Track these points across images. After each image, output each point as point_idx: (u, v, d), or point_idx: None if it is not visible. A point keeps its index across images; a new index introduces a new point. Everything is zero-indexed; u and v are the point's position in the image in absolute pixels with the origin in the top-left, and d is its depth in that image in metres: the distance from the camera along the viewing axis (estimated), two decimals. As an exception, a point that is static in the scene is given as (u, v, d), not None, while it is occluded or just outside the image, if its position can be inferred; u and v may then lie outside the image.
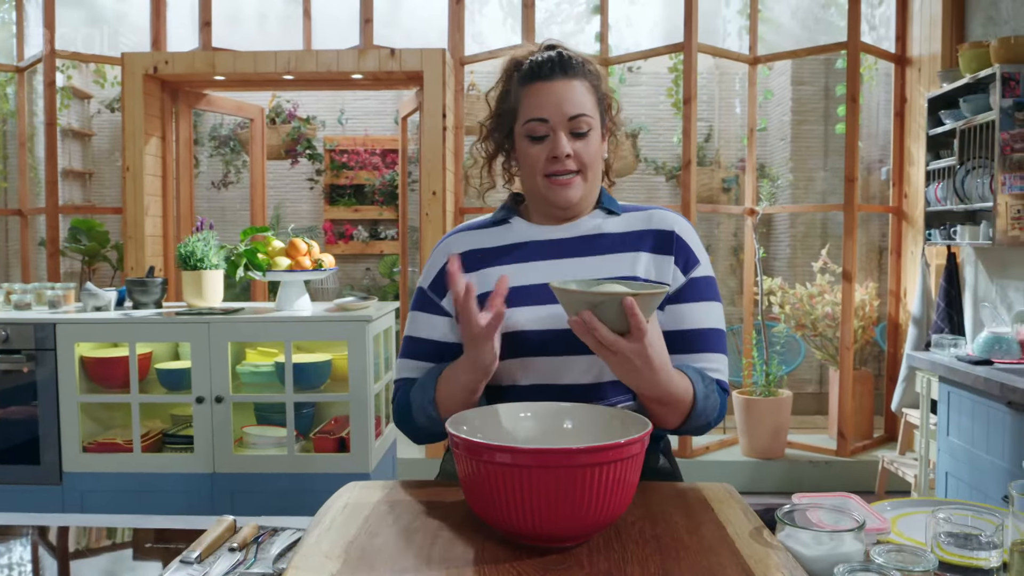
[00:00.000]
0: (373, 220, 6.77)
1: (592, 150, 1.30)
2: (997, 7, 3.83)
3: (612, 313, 1.05)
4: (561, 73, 1.28)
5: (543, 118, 1.27)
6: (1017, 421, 2.66)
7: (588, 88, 1.30)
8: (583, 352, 1.24)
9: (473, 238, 1.39)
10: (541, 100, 1.27)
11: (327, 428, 3.03)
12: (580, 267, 1.31)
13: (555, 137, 1.27)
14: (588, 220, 1.36)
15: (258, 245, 2.98)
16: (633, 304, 1.04)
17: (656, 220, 1.35)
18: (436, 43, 4.48)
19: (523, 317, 1.28)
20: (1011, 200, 3.36)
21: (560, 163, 1.28)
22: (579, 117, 1.27)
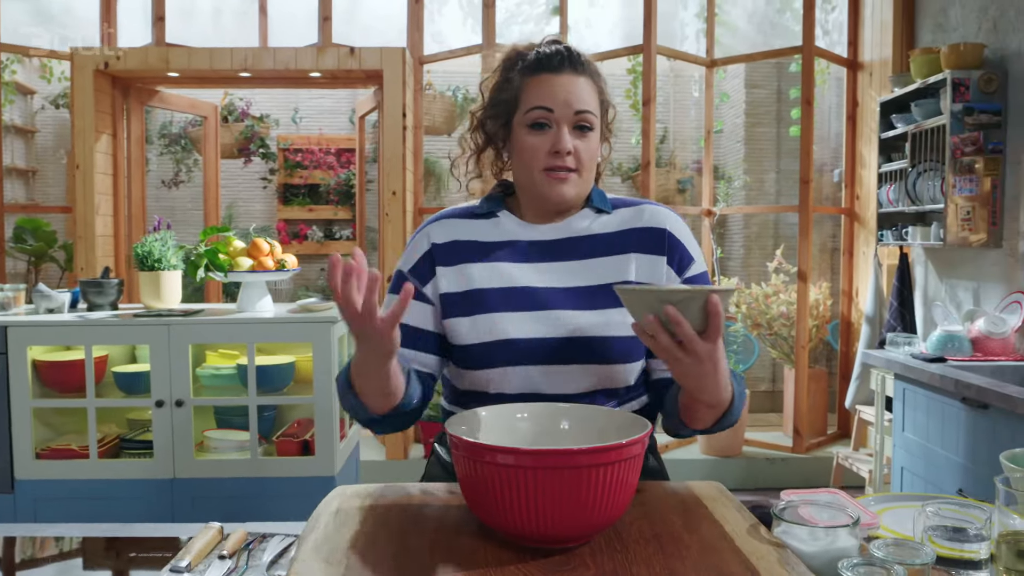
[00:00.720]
0: (328, 220, 6.69)
1: (592, 149, 1.28)
2: (946, 14, 3.94)
3: (693, 311, 1.02)
4: (570, 68, 1.26)
5: (548, 107, 1.24)
6: (971, 417, 2.74)
7: (593, 87, 1.28)
8: (574, 361, 1.22)
9: (458, 228, 1.33)
10: (547, 91, 1.24)
11: (290, 431, 2.99)
12: (571, 271, 1.28)
13: (558, 130, 1.24)
14: (578, 220, 1.33)
15: (219, 245, 2.92)
16: (719, 302, 1.01)
17: (647, 217, 1.32)
18: (395, 42, 4.45)
19: (511, 324, 1.24)
20: (961, 202, 3.46)
21: (560, 158, 1.24)
22: (584, 113, 1.25)
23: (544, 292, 1.27)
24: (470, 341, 1.25)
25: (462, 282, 1.28)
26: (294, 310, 2.96)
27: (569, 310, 1.25)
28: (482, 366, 1.25)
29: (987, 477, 2.64)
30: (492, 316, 1.25)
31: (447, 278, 1.30)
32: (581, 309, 1.25)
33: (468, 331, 1.25)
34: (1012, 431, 2.51)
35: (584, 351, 1.23)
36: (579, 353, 1.23)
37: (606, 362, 1.23)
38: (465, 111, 6.12)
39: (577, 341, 1.23)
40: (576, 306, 1.25)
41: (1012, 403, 2.46)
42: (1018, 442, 2.48)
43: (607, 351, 1.23)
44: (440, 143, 6.37)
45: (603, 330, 1.23)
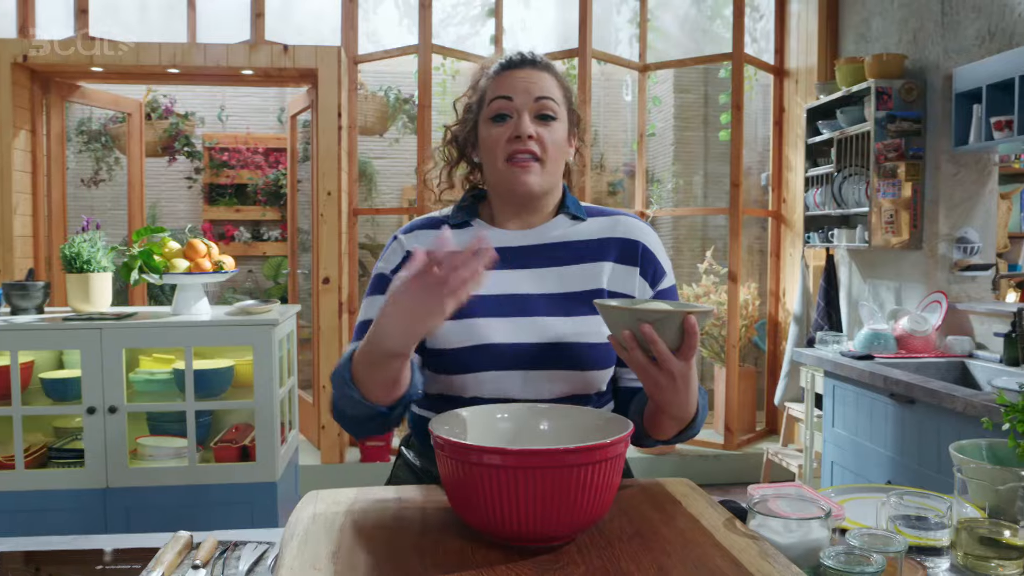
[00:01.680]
0: (255, 221, 6.54)
1: (556, 139, 1.26)
2: (868, 25, 4.10)
3: (669, 331, 1.04)
4: (530, 65, 1.28)
5: (508, 96, 1.25)
6: (898, 411, 2.86)
7: (556, 83, 1.29)
8: (551, 367, 1.22)
9: (432, 238, 1.30)
10: (507, 83, 1.26)
11: (228, 437, 2.92)
12: (547, 277, 1.28)
13: (519, 118, 1.24)
14: (552, 227, 1.33)
15: (153, 247, 2.83)
16: (695, 324, 1.03)
17: (622, 228, 1.32)
18: (329, 41, 4.39)
19: (493, 329, 1.24)
20: (885, 205, 3.61)
21: (522, 143, 1.23)
22: (545, 100, 1.25)
23: (522, 298, 1.26)
24: (449, 345, 1.24)
25: None
26: (232, 312, 2.89)
27: (547, 316, 1.25)
28: (459, 371, 1.24)
29: (914, 469, 2.76)
30: (472, 321, 1.24)
31: None
32: (558, 315, 1.25)
33: (446, 335, 1.24)
34: (938, 424, 2.63)
35: (561, 357, 1.23)
36: (556, 359, 1.23)
37: (581, 368, 1.24)
38: (398, 111, 6.08)
39: (555, 347, 1.23)
40: (553, 312, 1.25)
41: (938, 397, 2.58)
42: (943, 434, 2.60)
43: (583, 358, 1.24)
44: (372, 143, 6.31)
45: (579, 337, 1.24)
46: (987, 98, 3.13)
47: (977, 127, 3.21)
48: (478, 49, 4.61)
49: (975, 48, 3.30)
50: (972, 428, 2.43)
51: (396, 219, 6.67)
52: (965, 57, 3.36)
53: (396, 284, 1.01)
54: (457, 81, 4.96)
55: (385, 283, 1.32)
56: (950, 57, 3.45)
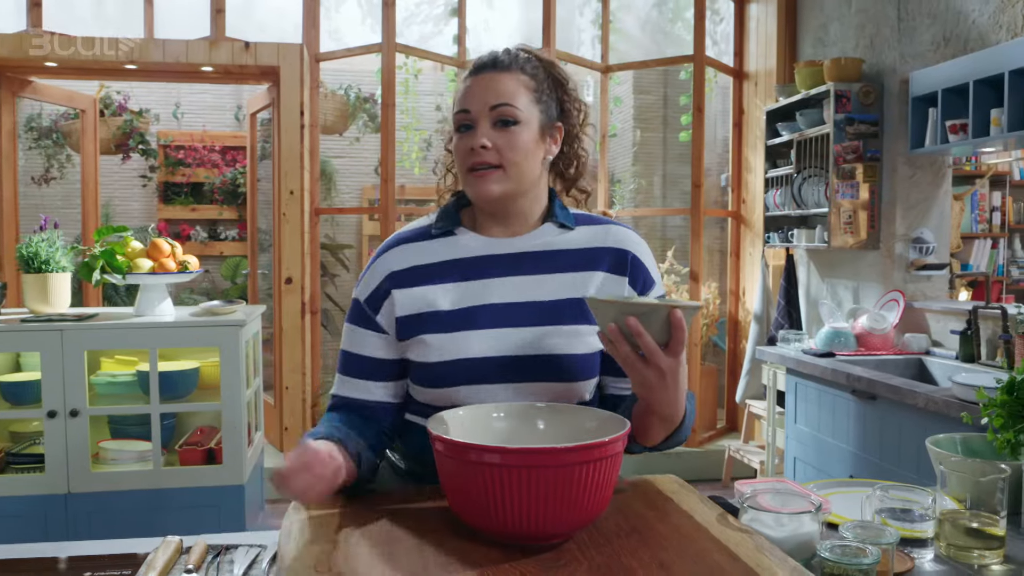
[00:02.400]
0: (212, 220, 6.44)
1: (518, 143, 1.22)
2: (826, 30, 4.19)
3: (655, 325, 1.03)
4: (491, 68, 1.25)
5: (465, 108, 1.24)
6: (860, 407, 2.92)
7: (522, 82, 1.24)
8: (536, 378, 1.22)
9: (415, 252, 1.29)
10: (467, 93, 1.24)
11: (193, 439, 2.87)
12: (533, 285, 1.26)
13: (475, 128, 1.23)
14: (539, 235, 1.30)
15: (115, 246, 2.77)
16: (682, 317, 1.02)
17: (612, 237, 1.31)
18: (290, 38, 4.33)
19: (476, 343, 1.22)
20: (844, 206, 3.69)
21: (476, 155, 1.21)
22: (501, 107, 1.22)
23: (507, 308, 1.25)
24: (431, 360, 1.22)
25: (425, 303, 1.25)
26: (197, 313, 2.84)
27: (531, 326, 1.24)
28: (441, 384, 1.23)
29: (875, 463, 2.82)
30: (454, 336, 1.22)
31: (407, 301, 1.26)
32: (543, 325, 1.24)
33: (429, 350, 1.23)
34: (899, 419, 2.69)
35: (546, 368, 1.22)
36: (541, 370, 1.22)
37: (565, 379, 1.23)
38: (358, 110, 6.03)
39: (537, 359, 1.22)
40: (537, 321, 1.24)
41: (900, 394, 2.64)
42: (905, 429, 2.66)
43: (568, 368, 1.23)
44: (332, 142, 6.25)
45: (565, 347, 1.23)
46: (942, 102, 3.22)
47: (933, 130, 3.30)
48: (441, 48, 4.59)
49: (930, 53, 3.39)
50: (933, 423, 2.50)
51: (356, 219, 6.63)
52: (921, 62, 3.45)
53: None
54: (420, 80, 4.94)
55: (360, 311, 1.30)
56: (906, 61, 3.54)
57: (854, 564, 0.89)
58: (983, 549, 1.07)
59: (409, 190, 6.34)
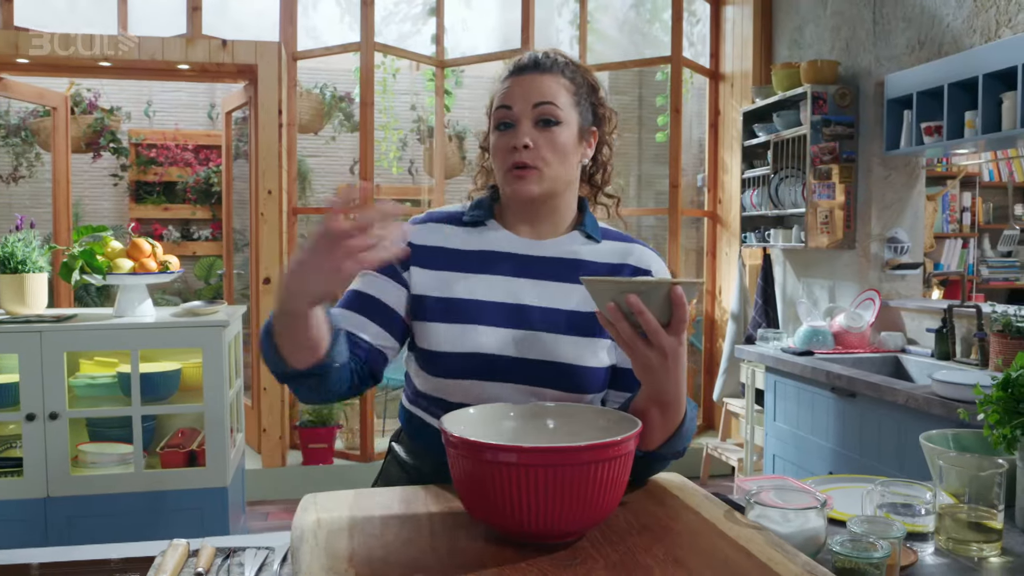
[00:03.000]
0: (185, 219, 6.38)
1: (557, 143, 1.23)
2: (801, 32, 4.24)
3: (656, 303, 1.01)
4: (533, 69, 1.26)
5: (507, 105, 1.24)
6: (840, 405, 2.96)
7: (563, 85, 1.26)
8: (546, 385, 1.22)
9: (443, 234, 1.30)
10: (508, 91, 1.25)
11: (175, 441, 2.84)
12: (555, 291, 1.26)
13: (518, 127, 1.23)
14: (567, 242, 1.31)
15: (94, 246, 2.73)
16: (683, 294, 1.00)
17: (635, 256, 1.32)
18: (267, 37, 4.30)
19: (487, 337, 1.22)
20: (821, 206, 3.74)
21: (518, 153, 1.22)
22: (544, 105, 1.23)
23: (525, 308, 1.25)
24: (443, 349, 1.22)
25: (443, 288, 1.25)
26: (178, 314, 2.81)
27: (548, 332, 1.24)
28: (448, 375, 1.23)
29: (856, 460, 2.86)
30: (470, 327, 1.22)
31: (425, 280, 1.26)
32: (559, 332, 1.24)
33: (443, 338, 1.22)
34: (879, 417, 2.74)
35: (557, 375, 1.22)
36: (551, 377, 1.22)
37: (576, 390, 1.23)
38: (334, 109, 6.00)
39: (551, 365, 1.22)
40: (555, 328, 1.24)
41: (879, 391, 2.69)
42: (884, 426, 2.71)
43: (579, 378, 1.23)
44: (307, 141, 6.21)
45: (578, 358, 1.23)
46: (917, 104, 3.28)
47: (908, 132, 3.35)
48: (419, 48, 4.58)
49: (905, 56, 3.45)
50: (913, 420, 2.54)
51: (331, 218, 6.58)
52: (896, 64, 3.50)
53: (306, 241, 0.99)
54: (398, 79, 4.93)
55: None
56: (881, 64, 3.60)
57: (865, 558, 0.91)
58: (982, 542, 1.09)
59: (385, 189, 6.31)
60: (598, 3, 4.96)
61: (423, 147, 6.41)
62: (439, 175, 4.94)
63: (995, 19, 2.98)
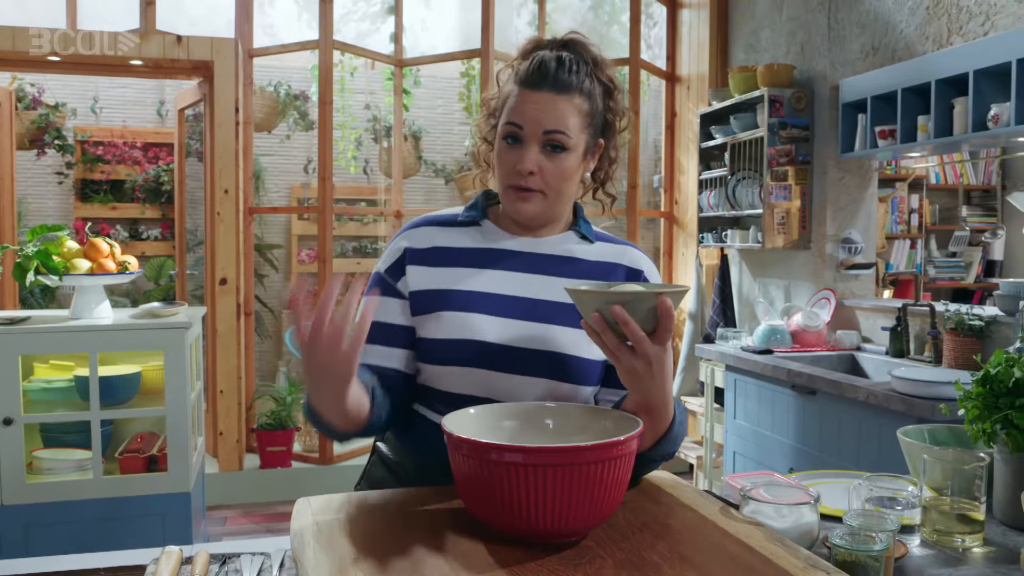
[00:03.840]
0: (133, 219, 6.21)
1: (563, 169, 1.23)
2: (757, 36, 4.32)
3: (641, 312, 1.01)
4: (551, 87, 1.21)
5: (519, 124, 1.22)
6: (800, 402, 3.03)
7: (577, 107, 1.23)
8: (538, 374, 1.22)
9: (440, 234, 1.31)
10: (521, 107, 1.22)
11: (134, 446, 2.77)
12: (551, 285, 1.27)
13: (525, 149, 1.22)
14: (561, 241, 1.33)
15: (49, 246, 2.65)
16: (670, 304, 1.01)
17: (628, 257, 1.34)
18: (222, 33, 4.22)
19: (486, 326, 1.23)
20: (778, 208, 3.81)
21: (523, 178, 1.22)
22: (554, 133, 1.21)
23: (522, 300, 1.26)
24: (440, 336, 1.23)
25: (438, 280, 1.26)
26: (138, 315, 2.75)
27: (545, 323, 1.25)
28: (442, 361, 1.23)
29: (815, 456, 2.93)
30: (467, 315, 1.23)
31: (422, 277, 1.27)
32: (556, 323, 1.25)
33: (437, 325, 1.23)
34: (839, 413, 2.80)
35: (554, 366, 1.23)
36: (545, 367, 1.23)
37: (572, 380, 1.24)
38: (288, 107, 5.92)
39: (549, 355, 1.23)
40: (552, 320, 1.25)
41: (840, 388, 2.75)
42: (844, 423, 2.77)
43: (576, 369, 1.24)
44: (260, 140, 6.11)
45: (573, 349, 1.24)
46: (872, 108, 3.36)
47: (862, 135, 3.44)
48: (378, 47, 4.55)
49: (860, 61, 3.53)
50: (873, 416, 2.61)
51: (285, 218, 6.50)
52: (850, 69, 3.59)
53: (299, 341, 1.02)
54: (356, 78, 4.88)
55: (380, 280, 1.30)
56: (836, 69, 3.68)
57: (865, 550, 0.93)
58: (966, 533, 1.13)
59: (341, 189, 6.24)
60: (556, 4, 4.99)
61: (378, 147, 6.36)
62: (397, 175, 4.91)
63: (947, 27, 3.08)
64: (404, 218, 5.04)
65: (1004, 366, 1.18)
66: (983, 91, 2.83)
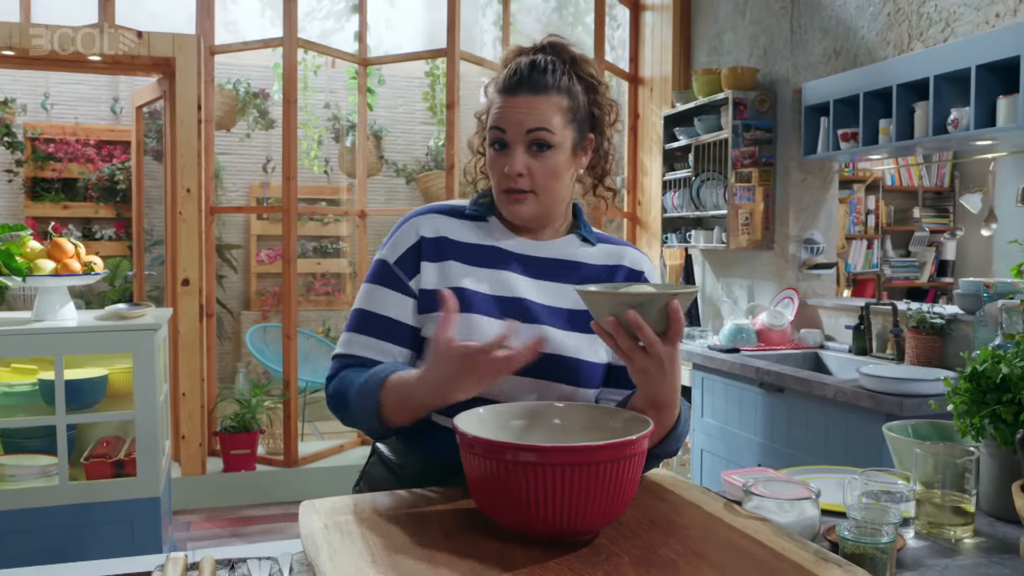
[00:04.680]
0: (87, 219, 6.08)
1: (551, 168, 1.25)
2: (720, 39, 4.38)
3: (653, 314, 1.04)
4: (528, 89, 1.23)
5: (501, 128, 1.24)
6: (768, 400, 3.08)
7: (556, 105, 1.25)
8: (544, 377, 1.23)
9: (446, 224, 1.31)
10: (502, 113, 1.24)
11: (100, 451, 2.71)
12: (553, 290, 1.29)
13: (511, 152, 1.24)
14: (565, 244, 1.35)
15: (11, 246, 2.58)
16: (679, 307, 1.04)
17: (629, 259, 1.36)
18: (183, 29, 4.15)
19: (493, 329, 1.22)
20: (742, 208, 3.87)
21: (512, 180, 1.24)
22: (537, 131, 1.23)
23: (526, 304, 1.27)
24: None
25: (448, 279, 1.26)
26: (104, 317, 2.69)
27: (551, 327, 1.26)
28: None
29: (784, 452, 2.98)
30: (474, 317, 1.23)
31: (430, 273, 1.27)
32: (564, 329, 1.26)
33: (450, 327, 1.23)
34: (807, 410, 2.86)
35: (560, 369, 1.24)
36: (551, 370, 1.24)
37: (572, 384, 1.25)
38: (248, 105, 5.84)
39: (551, 358, 1.24)
40: (560, 325, 1.26)
41: (808, 385, 2.81)
42: (812, 420, 2.83)
43: (579, 373, 1.25)
44: (219, 138, 6.01)
45: (577, 352, 1.25)
46: (834, 111, 3.43)
47: (825, 138, 3.51)
48: (342, 45, 4.51)
49: (822, 65, 3.61)
50: (840, 412, 2.67)
51: (243, 218, 6.41)
52: (812, 73, 3.66)
53: (442, 348, 1.08)
54: (319, 76, 4.84)
55: (387, 271, 1.28)
56: (799, 72, 3.75)
57: (873, 543, 0.96)
58: (957, 525, 1.16)
59: (301, 189, 6.17)
60: (521, 5, 5.00)
61: (339, 146, 6.31)
62: (362, 174, 4.88)
63: (907, 33, 3.16)
64: (368, 218, 5.01)
65: (991, 363, 1.21)
66: (943, 96, 2.91)
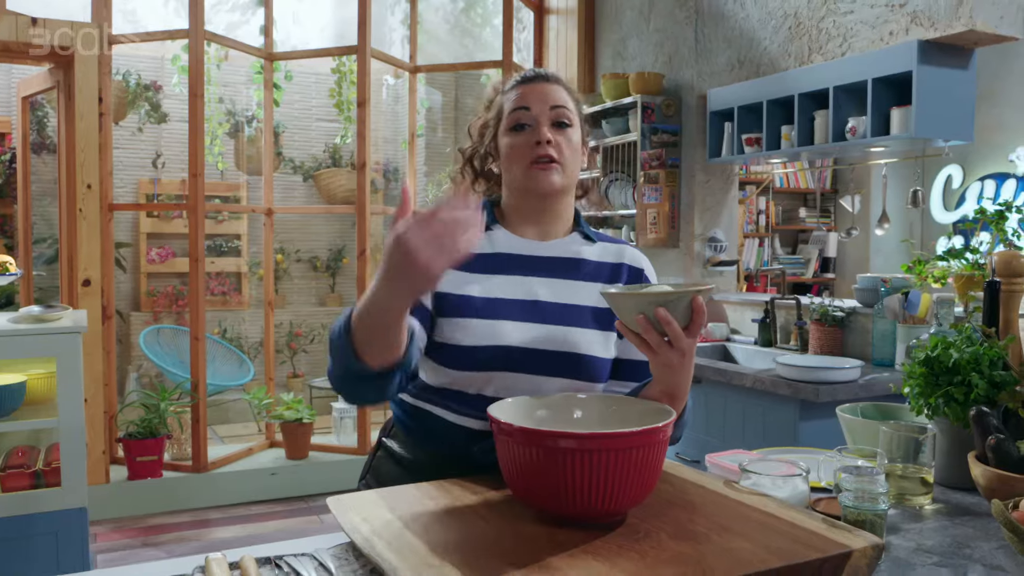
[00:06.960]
0: (-42, 217, 5.68)
1: (573, 143, 1.35)
2: (625, 44, 4.55)
3: (679, 311, 1.13)
4: (543, 79, 1.37)
5: (526, 107, 1.33)
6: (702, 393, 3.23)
7: (568, 94, 1.38)
8: (560, 374, 1.29)
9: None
10: (525, 95, 1.34)
11: (16, 461, 2.58)
12: (562, 288, 1.35)
13: (538, 126, 1.32)
14: (568, 243, 1.41)
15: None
16: (703, 302, 1.13)
17: (628, 256, 1.44)
18: (78, 17, 3.95)
19: (508, 331, 1.28)
20: (650, 208, 4.04)
21: (543, 148, 1.31)
22: (561, 108, 1.34)
23: (539, 304, 1.33)
24: (466, 342, 1.26)
25: (460, 285, 1.29)
26: (19, 320, 2.56)
27: (562, 325, 1.32)
28: (472, 368, 1.27)
29: (702, 439, 3.15)
30: (494, 322, 1.27)
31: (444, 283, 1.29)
32: (571, 325, 1.32)
33: (464, 333, 1.26)
34: (723, 399, 3.03)
35: (570, 365, 1.30)
36: (565, 366, 1.30)
37: (586, 378, 1.32)
38: (138, 98, 5.60)
39: (566, 355, 1.30)
40: (567, 321, 1.32)
41: (727, 376, 2.98)
42: (730, 408, 3.01)
43: (589, 368, 1.32)
44: (105, 132, 5.74)
45: (588, 348, 1.32)
46: (738, 117, 3.64)
47: (729, 142, 3.72)
48: (248, 39, 4.40)
49: (726, 73, 3.82)
50: (756, 399, 2.85)
51: (132, 216, 6.15)
52: (716, 80, 3.87)
53: (397, 232, 0.99)
54: (223, 69, 4.70)
55: None
56: (703, 79, 3.95)
57: (871, 509, 1.07)
58: (920, 494, 1.30)
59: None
60: (429, 4, 5.02)
61: (234, 141, 6.14)
62: (268, 171, 4.78)
63: (807, 46, 3.39)
64: (276, 215, 4.91)
65: (942, 349, 1.36)
66: (842, 105, 3.15)
